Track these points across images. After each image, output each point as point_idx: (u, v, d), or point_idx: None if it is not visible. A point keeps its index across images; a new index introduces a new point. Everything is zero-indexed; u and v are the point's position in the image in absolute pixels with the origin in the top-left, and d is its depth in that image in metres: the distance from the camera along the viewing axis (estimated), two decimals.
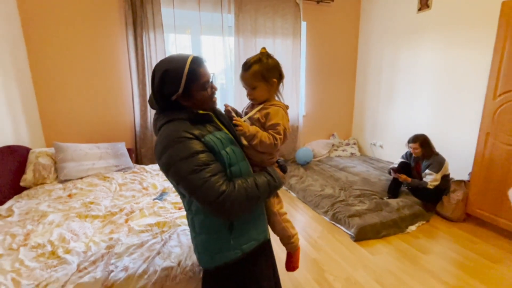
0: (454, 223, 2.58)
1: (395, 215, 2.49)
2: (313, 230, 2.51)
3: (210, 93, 0.99)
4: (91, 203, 1.93)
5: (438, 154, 2.72)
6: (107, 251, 1.37)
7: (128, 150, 2.89)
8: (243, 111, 1.21)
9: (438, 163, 2.64)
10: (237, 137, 1.05)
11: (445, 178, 2.70)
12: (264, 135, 1.01)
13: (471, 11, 2.83)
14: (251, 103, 1.16)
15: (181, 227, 1.58)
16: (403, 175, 2.76)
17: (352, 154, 4.35)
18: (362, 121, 4.51)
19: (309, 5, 3.87)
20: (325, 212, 2.69)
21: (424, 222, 2.58)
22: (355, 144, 4.51)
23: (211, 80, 0.98)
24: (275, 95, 1.15)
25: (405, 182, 2.76)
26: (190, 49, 3.41)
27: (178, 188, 0.97)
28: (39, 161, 2.35)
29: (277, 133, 1.03)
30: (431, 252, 2.17)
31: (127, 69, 3.08)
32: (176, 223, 1.64)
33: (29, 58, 2.69)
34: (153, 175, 2.54)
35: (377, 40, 4.04)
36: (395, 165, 2.97)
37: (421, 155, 2.75)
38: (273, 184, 0.99)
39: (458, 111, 3.06)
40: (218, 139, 0.94)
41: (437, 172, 2.61)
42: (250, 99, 1.14)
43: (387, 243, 2.29)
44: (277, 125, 1.04)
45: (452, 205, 2.58)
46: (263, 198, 0.98)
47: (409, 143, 2.79)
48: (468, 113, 2.94)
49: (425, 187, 2.64)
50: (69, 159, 2.44)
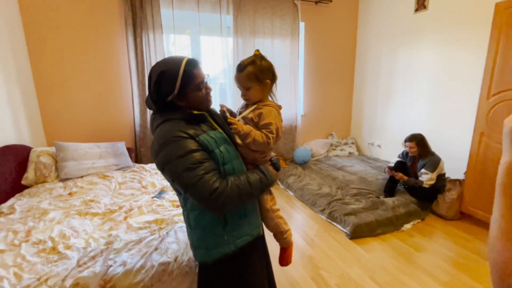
0: (448, 221, 2.61)
1: (391, 213, 2.52)
2: (310, 228, 2.54)
3: (205, 93, 1.03)
4: (91, 201, 1.97)
5: (434, 154, 2.75)
6: (106, 247, 1.42)
7: (128, 150, 2.93)
8: (237, 111, 1.25)
9: (434, 162, 2.68)
10: (231, 136, 1.09)
11: (441, 177, 2.73)
12: (258, 134, 1.05)
13: (467, 12, 2.86)
14: (245, 103, 1.20)
15: (178, 224, 1.63)
16: (399, 173, 2.80)
17: (350, 153, 4.38)
18: (360, 121, 4.54)
19: (307, 6, 3.90)
20: (322, 211, 2.72)
21: (419, 221, 2.61)
22: (353, 143, 4.54)
23: (205, 81, 1.02)
24: (268, 95, 1.18)
25: (401, 180, 2.80)
26: (190, 49, 3.45)
27: (174, 185, 1.01)
28: (40, 160, 2.39)
29: (270, 132, 1.06)
30: (425, 249, 2.20)
31: (127, 69, 3.13)
32: (173, 220, 1.68)
33: (30, 59, 2.74)
34: (152, 174, 2.58)
35: (375, 40, 4.07)
36: (392, 164, 3.00)
37: (417, 154, 2.79)
38: (265, 181, 1.02)
39: (454, 111, 3.09)
40: (212, 138, 0.98)
41: (432, 171, 2.64)
42: (244, 99, 1.18)
43: (382, 241, 2.32)
44: (270, 124, 1.07)
45: (447, 204, 2.62)
46: (256, 195, 1.01)
47: (405, 142, 2.82)
48: (464, 113, 2.97)
49: (421, 186, 2.68)
50: (70, 158, 2.48)
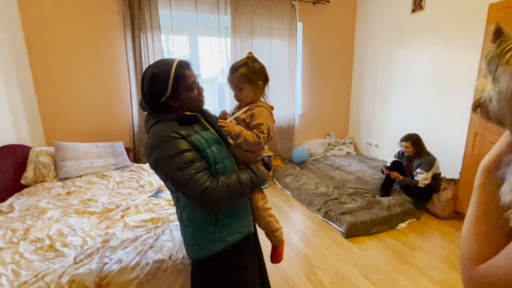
0: (443, 220, 2.63)
1: (386, 212, 2.55)
2: (306, 227, 2.57)
3: (197, 93, 1.05)
4: (89, 200, 2.00)
5: (429, 154, 2.77)
6: (102, 245, 1.44)
7: (126, 149, 2.96)
8: (231, 111, 1.28)
9: (429, 162, 2.70)
10: (223, 136, 1.11)
11: (436, 177, 2.75)
12: (249, 134, 1.08)
13: (463, 13, 2.88)
14: (239, 104, 1.23)
15: (174, 222, 1.65)
16: (395, 172, 2.82)
17: (348, 153, 4.40)
18: (358, 121, 4.56)
19: (305, 6, 3.92)
20: (318, 210, 2.75)
21: (414, 220, 2.64)
22: (351, 143, 4.56)
23: (197, 81, 1.05)
24: (261, 96, 1.21)
25: (397, 179, 2.82)
26: (188, 50, 3.48)
27: (166, 184, 1.03)
28: (39, 159, 2.42)
29: (261, 132, 1.09)
30: (419, 248, 2.23)
31: (125, 70, 3.15)
32: (169, 219, 1.71)
33: (30, 60, 2.77)
34: (150, 174, 2.61)
35: (372, 41, 4.09)
36: (388, 163, 3.03)
37: (413, 154, 2.81)
38: (255, 180, 1.05)
39: (450, 110, 3.10)
40: (204, 138, 1.00)
41: (427, 171, 2.66)
42: (237, 100, 1.21)
43: (377, 239, 2.35)
44: (261, 124, 1.10)
45: (442, 203, 2.64)
46: (246, 194, 1.04)
47: (401, 142, 2.85)
48: (459, 113, 2.99)
49: (416, 185, 2.70)
50: (69, 158, 2.51)
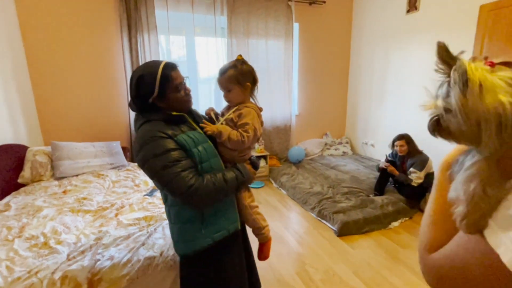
0: None
1: (379, 211, 2.57)
2: (300, 226, 2.60)
3: (184, 94, 1.08)
4: (84, 198, 2.03)
5: (422, 153, 2.80)
6: (95, 242, 1.47)
7: (123, 149, 2.99)
8: (221, 111, 1.32)
9: (422, 161, 2.72)
10: (211, 136, 1.14)
11: (429, 176, 2.77)
12: (233, 133, 1.11)
13: (456, 13, 2.90)
14: (228, 105, 1.26)
15: (166, 220, 1.67)
16: (391, 166, 2.85)
17: (344, 153, 4.43)
18: (354, 121, 4.58)
19: (301, 7, 3.95)
20: (312, 209, 2.77)
21: (407, 219, 2.66)
22: (347, 143, 4.58)
23: (184, 83, 1.08)
24: (250, 97, 1.25)
25: (392, 173, 2.85)
26: (184, 50, 3.51)
27: (154, 182, 1.06)
28: (36, 159, 2.45)
29: (245, 131, 1.12)
30: (410, 247, 2.25)
31: (122, 70, 3.18)
32: (162, 217, 1.74)
33: (27, 60, 2.80)
34: None
35: (368, 41, 4.12)
36: (381, 163, 3.05)
37: (406, 153, 2.83)
38: (241, 179, 1.08)
39: None
40: (190, 138, 1.03)
41: (421, 170, 2.69)
42: (227, 101, 1.25)
43: (369, 238, 2.37)
44: (246, 124, 1.13)
45: None
46: (231, 191, 1.07)
47: (394, 142, 2.87)
48: None
49: (410, 184, 2.72)
50: (65, 157, 2.54)
